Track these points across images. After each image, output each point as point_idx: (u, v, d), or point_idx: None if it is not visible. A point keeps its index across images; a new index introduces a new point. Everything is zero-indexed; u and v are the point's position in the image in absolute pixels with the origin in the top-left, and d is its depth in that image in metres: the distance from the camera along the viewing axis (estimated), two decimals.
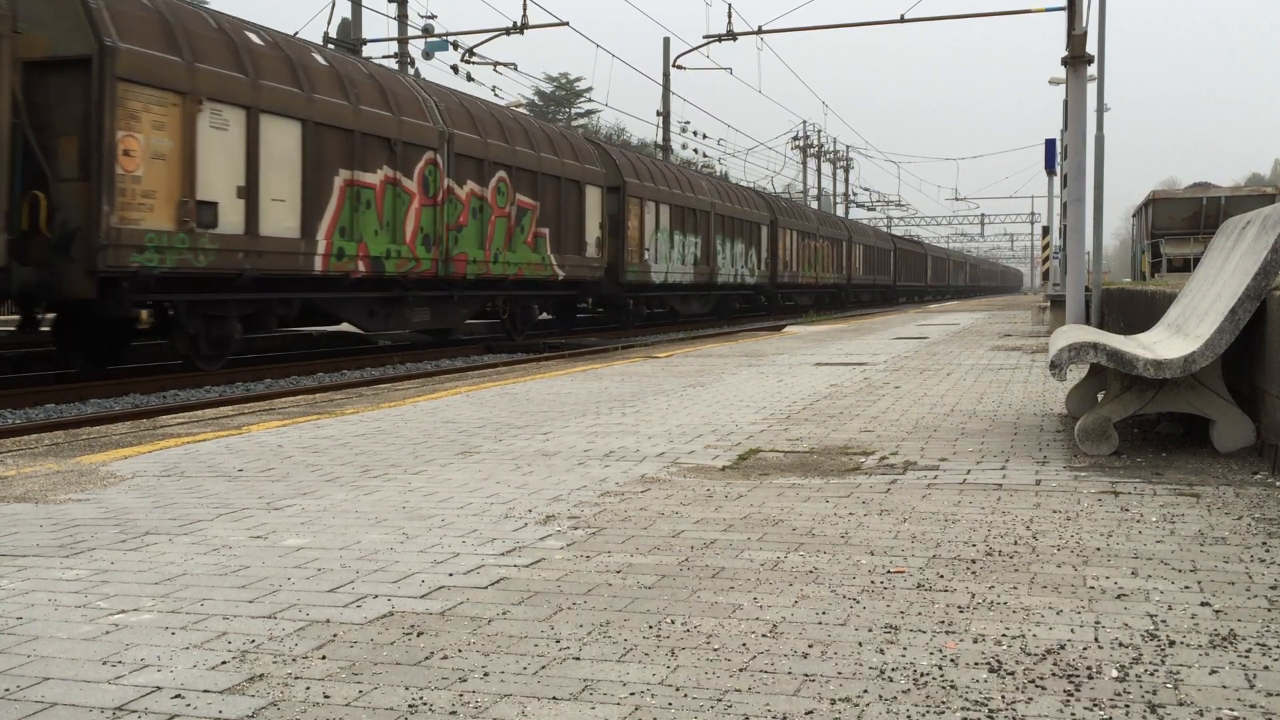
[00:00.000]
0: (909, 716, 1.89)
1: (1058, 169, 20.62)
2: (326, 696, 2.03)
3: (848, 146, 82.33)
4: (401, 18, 26.69)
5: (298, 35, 16.01)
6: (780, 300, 38.54)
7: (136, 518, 3.65)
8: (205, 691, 2.07)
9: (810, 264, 40.90)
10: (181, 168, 12.26)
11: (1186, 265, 24.70)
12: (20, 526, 3.54)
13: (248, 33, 13.96)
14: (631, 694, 2.02)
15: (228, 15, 14.16)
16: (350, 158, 15.17)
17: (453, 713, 1.95)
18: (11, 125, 10.80)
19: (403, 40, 26.66)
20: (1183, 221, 26.72)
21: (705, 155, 46.93)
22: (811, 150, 62.64)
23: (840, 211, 66.79)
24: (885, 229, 77.71)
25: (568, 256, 21.50)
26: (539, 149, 20.63)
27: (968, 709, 1.91)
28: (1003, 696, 1.97)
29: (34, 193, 11.16)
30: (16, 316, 13.04)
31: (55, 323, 13.17)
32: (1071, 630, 2.33)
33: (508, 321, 20.96)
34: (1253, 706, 1.91)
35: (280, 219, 13.79)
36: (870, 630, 2.36)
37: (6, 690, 2.08)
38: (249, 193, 13.22)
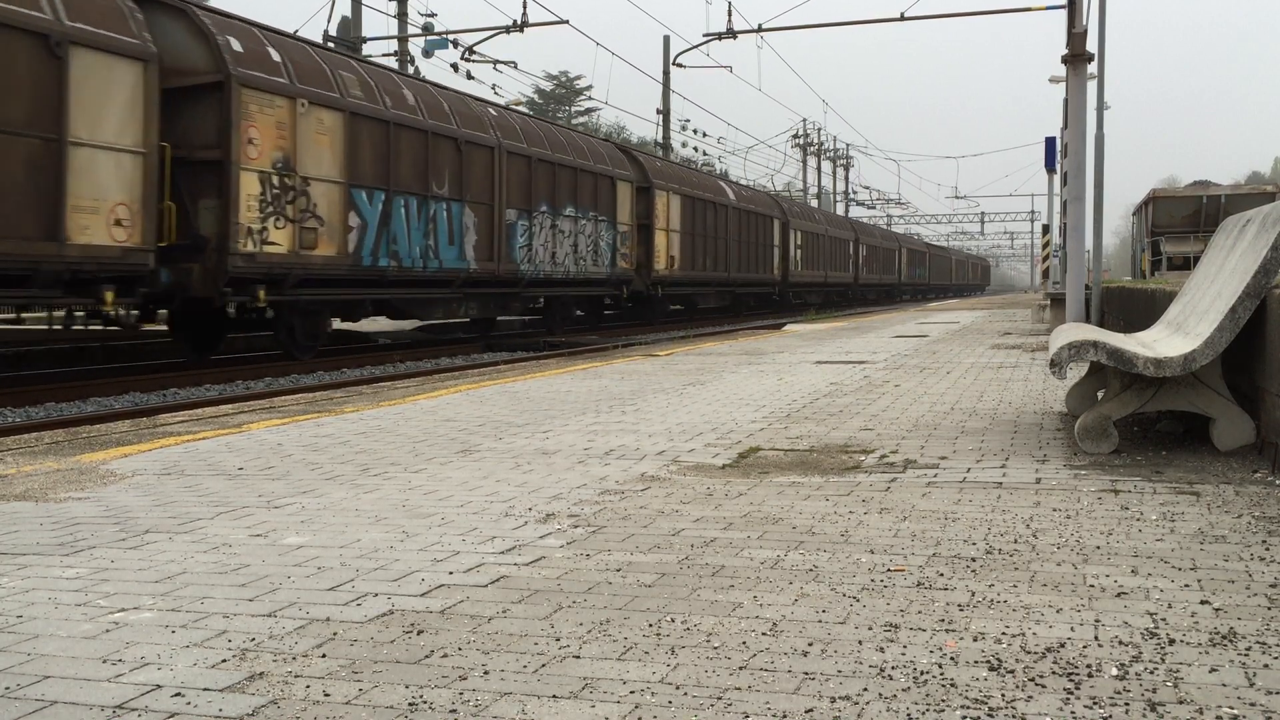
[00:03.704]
0: (909, 715, 1.89)
1: (1058, 167, 20.59)
2: (327, 695, 2.03)
3: (848, 145, 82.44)
4: (401, 16, 26.67)
5: (298, 33, 16.11)
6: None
7: (136, 516, 3.65)
8: (205, 690, 2.07)
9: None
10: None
11: (1186, 263, 24.69)
12: (20, 525, 3.54)
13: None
14: (631, 692, 2.02)
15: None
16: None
17: (453, 711, 1.95)
18: None
19: (402, 39, 26.64)
20: (1183, 220, 26.70)
21: (705, 154, 46.92)
22: (811, 148, 62.63)
23: (840, 209, 66.78)
24: (886, 227, 77.72)
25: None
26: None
27: (968, 707, 1.91)
28: (1003, 695, 1.97)
29: None
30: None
31: None
32: (1071, 628, 2.33)
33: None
34: (1252, 705, 1.91)
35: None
36: (870, 628, 2.36)
37: (7, 689, 2.08)
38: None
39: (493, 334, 21.86)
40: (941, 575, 2.77)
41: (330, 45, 21.03)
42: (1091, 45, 12.08)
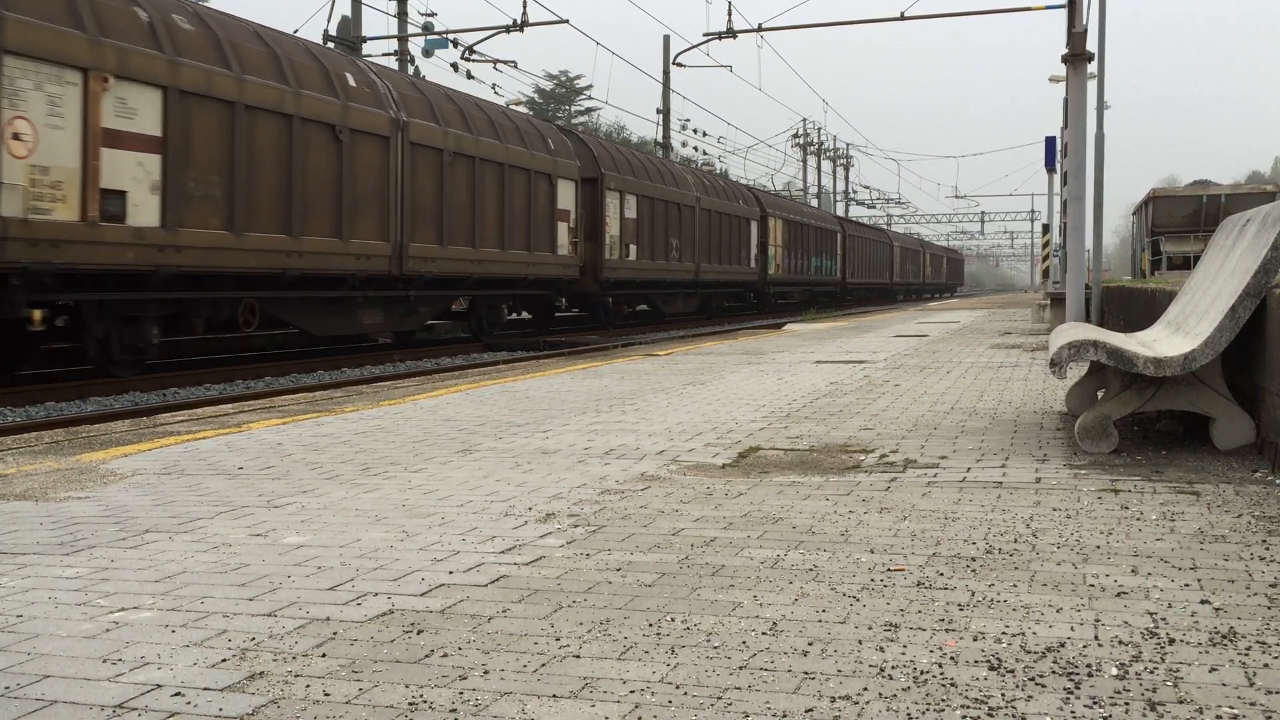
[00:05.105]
0: (909, 714, 1.89)
1: (1058, 167, 20.60)
2: (327, 694, 2.03)
3: (848, 144, 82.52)
4: (401, 15, 26.67)
5: (297, 32, 16.19)
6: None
7: (136, 516, 3.65)
8: (205, 689, 2.07)
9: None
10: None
11: (1186, 263, 24.70)
12: (20, 524, 3.54)
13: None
14: (631, 692, 2.02)
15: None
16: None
17: (453, 710, 1.95)
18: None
19: (403, 38, 26.64)
20: (1183, 219, 26.71)
21: (705, 153, 46.92)
22: (811, 148, 62.66)
23: (840, 209, 66.75)
24: (886, 226, 77.70)
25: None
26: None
27: (968, 707, 1.91)
28: (1003, 694, 1.97)
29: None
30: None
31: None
32: (1071, 628, 2.33)
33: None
34: (1252, 704, 1.91)
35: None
36: (870, 628, 2.36)
37: (7, 688, 2.08)
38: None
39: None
40: (941, 575, 2.77)
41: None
42: (1091, 45, 12.09)
